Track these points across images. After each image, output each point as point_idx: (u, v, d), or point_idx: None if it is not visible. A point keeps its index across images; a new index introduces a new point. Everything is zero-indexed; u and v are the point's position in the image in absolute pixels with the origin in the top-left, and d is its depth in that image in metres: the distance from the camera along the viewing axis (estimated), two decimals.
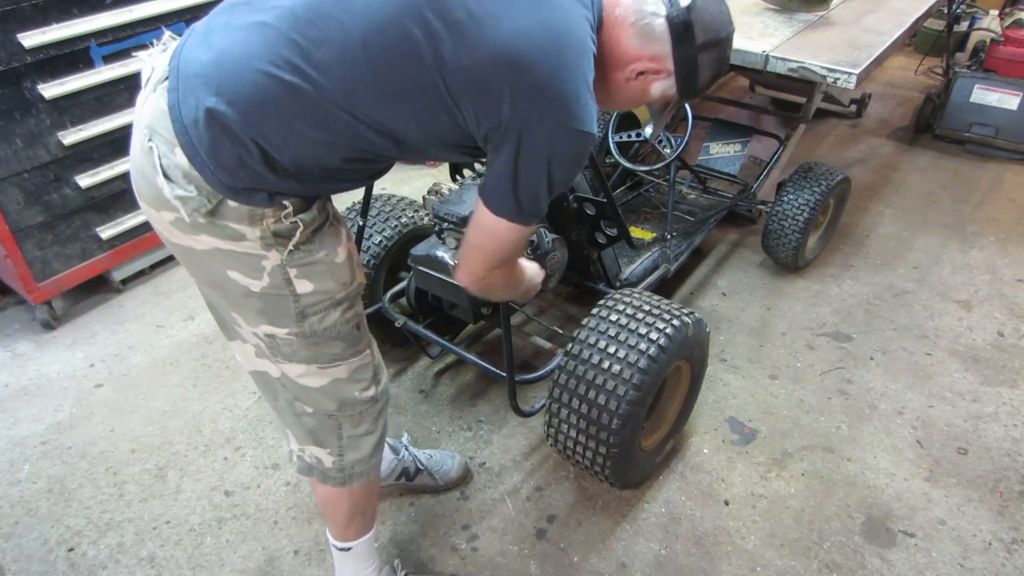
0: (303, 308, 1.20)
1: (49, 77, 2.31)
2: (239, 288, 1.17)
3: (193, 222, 1.09)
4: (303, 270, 1.18)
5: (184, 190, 1.07)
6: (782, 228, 2.67)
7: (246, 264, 1.14)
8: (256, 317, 1.21)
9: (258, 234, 1.12)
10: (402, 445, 1.93)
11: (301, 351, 1.25)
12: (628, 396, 1.66)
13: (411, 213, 2.31)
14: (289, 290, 1.18)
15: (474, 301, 1.94)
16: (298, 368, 1.27)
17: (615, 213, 2.01)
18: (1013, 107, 3.62)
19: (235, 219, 1.10)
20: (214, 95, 1.03)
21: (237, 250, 1.13)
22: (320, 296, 1.21)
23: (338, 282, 1.23)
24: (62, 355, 2.52)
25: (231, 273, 1.16)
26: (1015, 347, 2.51)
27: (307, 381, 1.29)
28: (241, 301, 1.20)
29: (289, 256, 1.15)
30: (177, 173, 1.07)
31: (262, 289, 1.17)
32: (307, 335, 1.23)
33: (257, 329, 1.23)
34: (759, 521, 1.92)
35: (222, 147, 1.05)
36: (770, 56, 2.28)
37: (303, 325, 1.22)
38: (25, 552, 1.86)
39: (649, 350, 1.68)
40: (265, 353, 1.28)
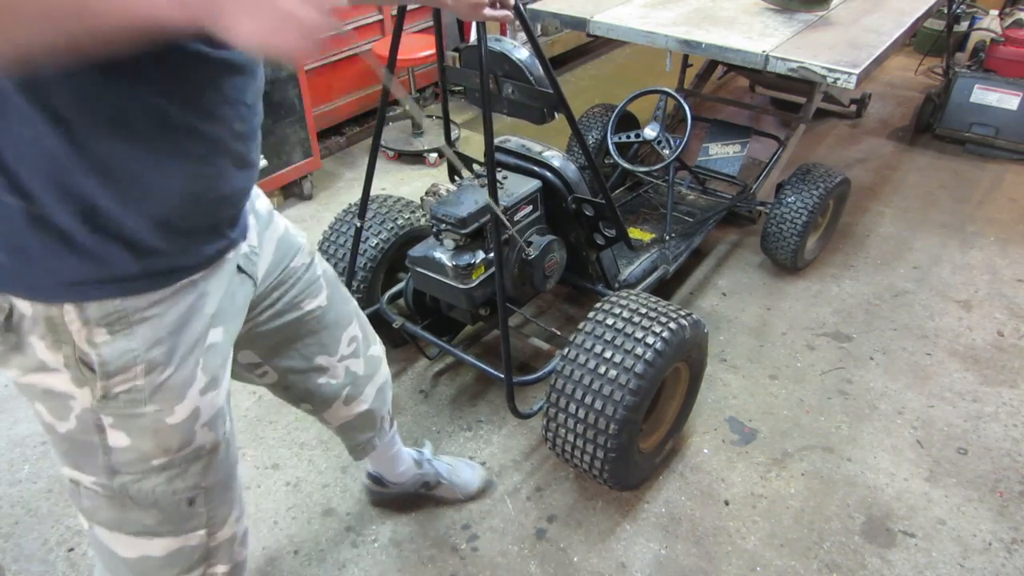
0: (116, 465, 0.94)
1: None
2: (44, 424, 0.93)
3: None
4: (120, 421, 0.91)
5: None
6: (780, 231, 2.67)
7: (49, 400, 0.90)
8: (61, 457, 0.97)
9: (61, 360, 0.85)
10: (425, 458, 1.89)
11: (103, 511, 0.98)
12: (625, 401, 1.66)
13: (408, 214, 2.31)
14: (99, 439, 0.92)
15: (472, 302, 1.94)
16: (100, 530, 1.02)
17: (614, 214, 2.01)
18: (1013, 107, 3.62)
19: (37, 335, 0.84)
20: None
21: (36, 384, 0.88)
22: (134, 456, 0.94)
23: (159, 446, 0.94)
24: None
25: (36, 405, 0.92)
26: (1015, 347, 2.51)
27: (112, 545, 1.03)
28: (48, 436, 0.96)
29: (102, 402, 0.88)
30: None
31: (67, 432, 0.92)
32: (116, 493, 0.96)
33: (63, 470, 0.98)
34: (759, 521, 1.92)
35: None
36: (770, 56, 2.28)
37: (113, 481, 0.95)
38: (25, 552, 1.86)
39: (645, 355, 1.67)
40: (74, 499, 1.02)
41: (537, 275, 2.01)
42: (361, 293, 2.21)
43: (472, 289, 1.90)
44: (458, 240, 1.87)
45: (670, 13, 2.68)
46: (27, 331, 0.84)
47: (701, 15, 2.66)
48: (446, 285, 1.92)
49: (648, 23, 2.57)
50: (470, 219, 1.84)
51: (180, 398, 0.94)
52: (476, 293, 1.92)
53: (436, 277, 1.94)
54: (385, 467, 1.82)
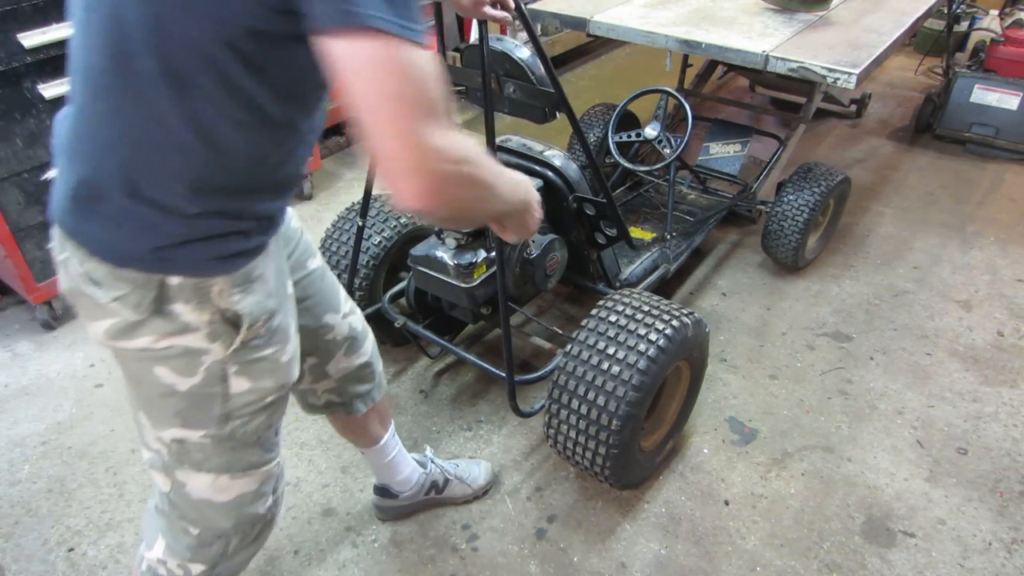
0: (230, 410, 1.07)
1: (49, 77, 2.31)
2: (161, 387, 1.03)
3: (135, 322, 0.96)
4: (245, 368, 1.04)
5: (116, 290, 0.94)
6: (782, 228, 2.68)
7: (180, 360, 1.00)
8: (169, 419, 1.06)
9: (206, 319, 0.97)
10: (428, 458, 1.90)
11: (215, 458, 1.10)
12: (627, 397, 1.66)
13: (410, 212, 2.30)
14: (221, 389, 1.04)
15: (474, 301, 1.94)
16: (204, 479, 1.12)
17: (615, 213, 2.01)
18: (1013, 107, 3.62)
19: (187, 300, 0.95)
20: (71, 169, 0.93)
21: (175, 345, 0.98)
22: (253, 397, 1.08)
23: (277, 383, 1.10)
24: (62, 355, 2.52)
25: (157, 369, 1.01)
26: (1015, 347, 2.51)
27: (210, 494, 1.14)
28: (157, 401, 1.06)
29: (234, 353, 1.01)
30: (101, 273, 0.94)
31: (190, 388, 1.02)
32: (225, 439, 1.09)
33: (164, 434, 1.08)
34: (759, 521, 1.92)
35: (110, 212, 0.91)
36: (770, 56, 2.28)
37: (224, 428, 1.08)
38: (25, 552, 1.86)
39: (648, 351, 1.68)
40: (162, 462, 1.12)
41: (538, 274, 2.01)
42: (363, 292, 2.21)
43: (474, 288, 1.90)
44: (460, 239, 1.87)
45: (670, 13, 2.68)
46: (173, 298, 0.95)
47: (701, 15, 2.65)
48: (448, 284, 1.92)
49: (648, 23, 2.57)
50: None
51: (287, 339, 1.10)
52: (477, 292, 1.92)
53: (438, 276, 1.94)
54: (388, 475, 1.81)
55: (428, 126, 0.77)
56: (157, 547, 1.23)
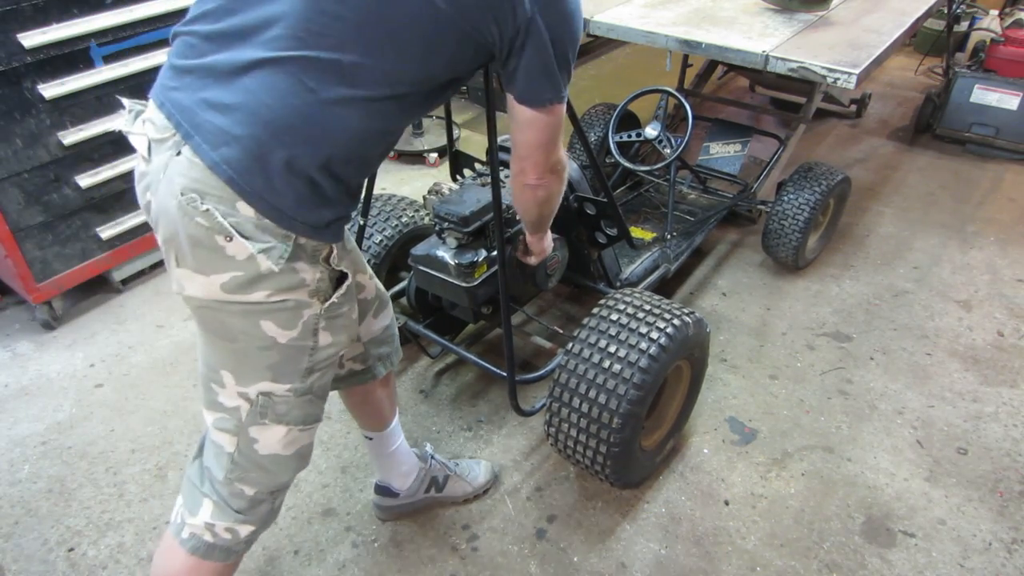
0: (314, 363, 1.20)
1: (49, 77, 2.31)
2: (263, 340, 1.13)
3: (259, 275, 1.07)
4: (330, 323, 1.18)
5: (263, 242, 1.05)
6: (782, 228, 2.68)
7: (286, 313, 1.12)
8: (260, 372, 1.17)
9: (317, 276, 1.13)
10: (427, 453, 1.91)
11: (295, 410, 1.22)
12: (629, 395, 1.66)
13: (411, 213, 2.31)
14: (311, 342, 1.17)
15: (475, 300, 1.94)
16: (279, 432, 1.22)
17: (615, 213, 2.01)
18: (1013, 107, 3.62)
19: (307, 259, 1.10)
20: (267, 140, 1.02)
21: (288, 299, 1.11)
22: (333, 351, 1.22)
23: (350, 337, 1.26)
24: (62, 355, 2.52)
25: (263, 323, 1.12)
26: (1015, 347, 2.51)
27: (279, 448, 1.24)
28: (252, 355, 1.15)
29: (328, 308, 1.16)
30: (249, 227, 1.04)
31: (288, 340, 1.14)
32: (304, 392, 1.21)
33: (251, 388, 1.18)
34: (759, 521, 1.92)
35: (291, 183, 1.04)
36: (770, 56, 2.28)
37: (307, 381, 1.20)
38: (25, 552, 1.86)
39: (650, 349, 1.68)
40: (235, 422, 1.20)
41: (539, 273, 2.01)
42: None
43: (474, 287, 1.90)
44: (461, 238, 1.87)
45: (670, 13, 2.68)
46: (299, 256, 1.09)
47: (701, 15, 2.65)
48: (448, 283, 1.92)
49: (648, 23, 2.57)
50: (472, 217, 1.84)
51: (355, 299, 1.27)
52: (478, 291, 1.92)
53: (438, 275, 1.94)
54: (390, 468, 1.81)
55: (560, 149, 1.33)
56: (203, 511, 1.26)
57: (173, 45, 1.13)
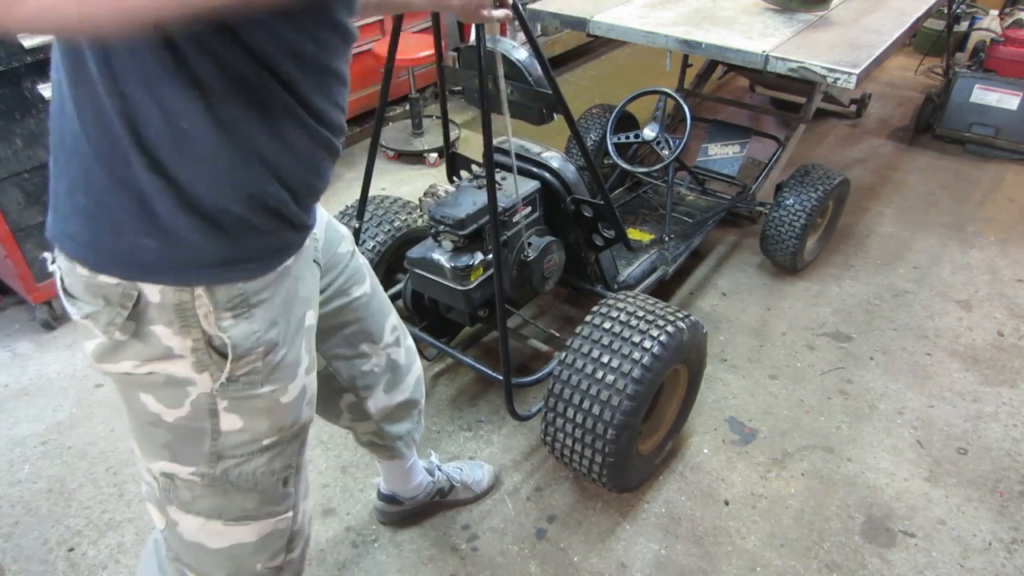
0: (221, 450, 0.98)
1: (49, 77, 2.31)
2: (148, 415, 0.96)
3: (113, 343, 0.89)
4: (236, 404, 0.96)
5: (90, 304, 0.88)
6: (779, 233, 2.67)
7: (164, 389, 0.93)
8: (157, 450, 0.99)
9: (189, 345, 0.89)
10: (435, 465, 1.90)
11: (204, 499, 1.02)
12: (623, 406, 1.65)
13: (406, 215, 2.31)
14: (210, 424, 0.96)
15: (471, 304, 1.94)
16: (194, 521, 1.04)
17: (612, 215, 2.01)
18: (1013, 107, 3.62)
19: (163, 323, 0.87)
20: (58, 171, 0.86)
21: (156, 372, 0.91)
22: (247, 437, 0.99)
23: (274, 425, 1.01)
24: (62, 355, 2.52)
25: (143, 396, 0.95)
26: (1015, 347, 2.51)
27: (202, 538, 1.06)
28: (146, 429, 0.98)
29: (222, 387, 0.93)
30: (79, 287, 0.88)
31: (176, 420, 0.95)
32: (216, 480, 1.00)
33: (153, 466, 1.01)
34: (759, 521, 1.92)
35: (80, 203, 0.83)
36: (770, 56, 2.28)
37: (215, 468, 0.99)
38: (25, 552, 1.86)
39: (643, 359, 1.66)
40: (155, 496, 1.05)
41: (536, 276, 2.01)
42: None
43: (471, 291, 1.90)
44: (457, 241, 1.87)
45: (670, 13, 2.68)
46: (152, 319, 0.87)
47: (701, 15, 2.65)
48: (444, 287, 1.92)
49: (648, 23, 2.57)
50: (469, 220, 1.84)
51: (292, 377, 1.00)
52: (475, 295, 1.92)
53: (434, 278, 1.93)
54: (401, 481, 1.81)
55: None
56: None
57: None
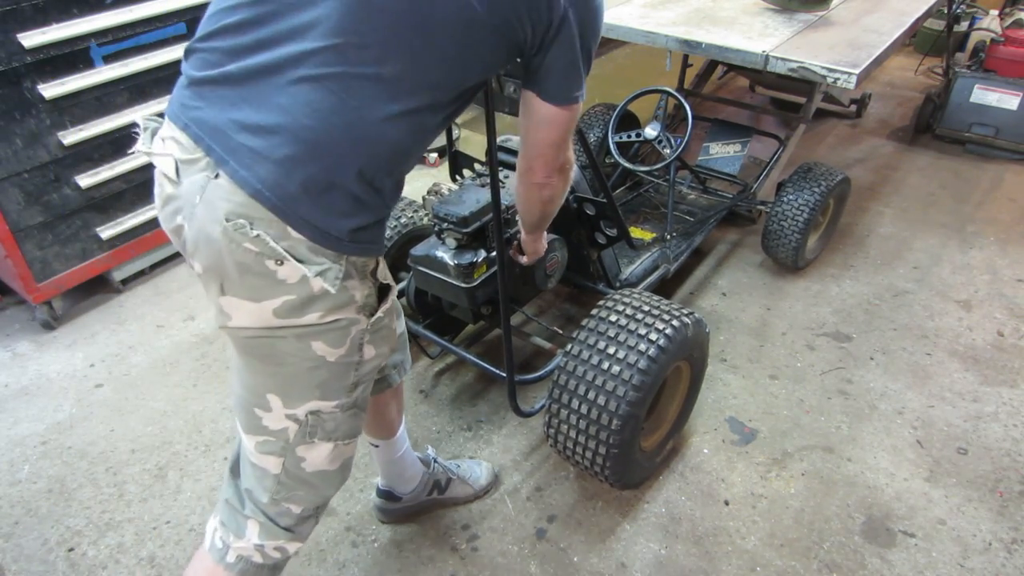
0: (359, 377, 1.19)
1: (49, 77, 2.31)
2: (313, 360, 1.11)
3: (319, 294, 1.05)
4: (374, 336, 1.18)
5: (317, 264, 1.03)
6: (782, 228, 2.67)
7: (337, 332, 1.10)
8: (309, 392, 1.15)
9: (365, 292, 1.12)
10: (431, 457, 1.91)
11: (342, 425, 1.21)
12: (628, 396, 1.66)
13: (410, 213, 2.31)
14: (357, 357, 1.16)
15: (474, 301, 1.94)
16: (326, 448, 1.21)
17: (615, 213, 2.01)
18: (1013, 107, 3.62)
19: (358, 276, 1.09)
20: (311, 163, 0.99)
21: (341, 318, 1.09)
22: (376, 363, 1.22)
23: (391, 347, 1.25)
24: (62, 355, 2.52)
25: (314, 344, 1.10)
26: (1015, 347, 2.51)
27: (327, 464, 1.24)
28: (302, 376, 1.13)
29: (374, 322, 1.15)
30: (302, 249, 1.02)
31: (337, 358, 1.13)
32: (350, 407, 1.20)
33: (299, 409, 1.16)
34: (759, 521, 1.92)
35: (336, 204, 1.02)
36: (770, 56, 2.28)
37: (352, 395, 1.20)
38: (25, 552, 1.86)
39: (648, 351, 1.68)
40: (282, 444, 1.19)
41: (539, 274, 2.01)
42: None
43: (474, 288, 1.90)
44: (460, 239, 1.87)
45: (670, 13, 2.68)
46: (350, 274, 1.08)
47: (701, 15, 2.65)
48: (448, 284, 1.92)
49: (648, 23, 2.57)
50: (472, 218, 1.84)
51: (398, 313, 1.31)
52: (478, 292, 1.92)
53: (438, 276, 1.93)
54: (395, 474, 1.81)
55: (571, 148, 1.35)
56: (251, 533, 1.24)
57: (189, 61, 1.08)
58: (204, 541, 1.29)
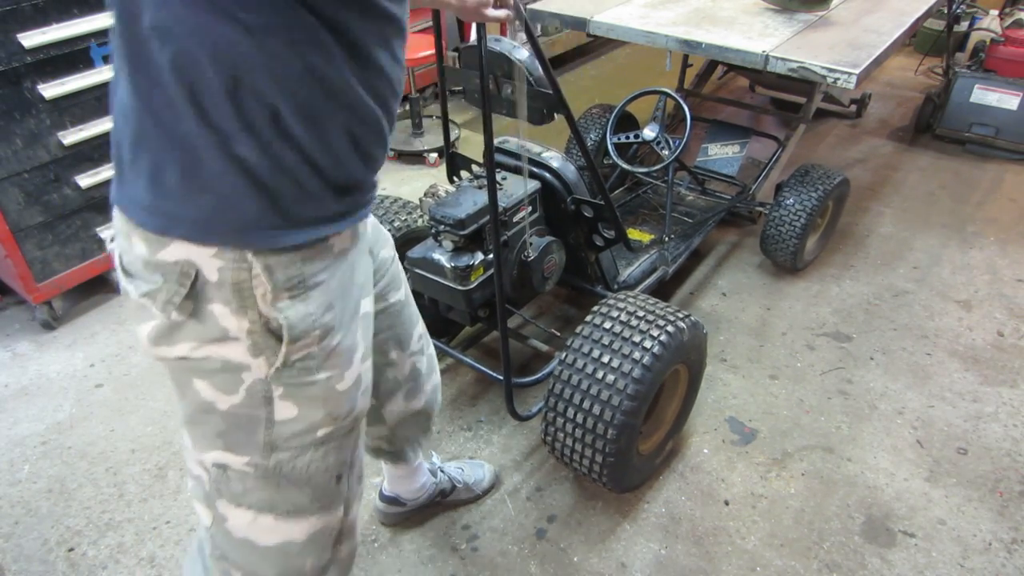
0: (275, 440, 0.96)
1: (49, 77, 2.31)
2: (200, 403, 0.94)
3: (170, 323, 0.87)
4: (291, 391, 0.93)
5: (148, 282, 0.86)
6: (780, 232, 2.67)
7: (219, 375, 0.91)
8: (211, 440, 0.97)
9: (246, 326, 0.87)
10: (436, 466, 1.90)
11: (256, 492, 0.99)
12: (623, 406, 1.65)
13: (406, 215, 2.30)
14: (265, 412, 0.93)
15: (471, 304, 1.94)
16: (245, 515, 1.01)
17: (613, 215, 2.01)
18: (1013, 107, 3.62)
19: (221, 302, 0.86)
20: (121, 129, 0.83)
21: (211, 356, 0.89)
22: (302, 427, 0.97)
23: (329, 415, 0.98)
24: (62, 355, 2.52)
25: (196, 383, 0.93)
26: (1015, 347, 2.51)
27: (252, 534, 1.03)
28: (199, 418, 0.96)
29: (278, 372, 0.91)
30: (138, 265, 0.87)
31: (230, 408, 0.93)
32: (269, 472, 0.97)
33: (206, 456, 0.98)
34: (759, 521, 1.92)
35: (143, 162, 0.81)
36: (770, 56, 2.28)
37: (270, 459, 0.97)
38: (25, 552, 1.86)
39: (643, 359, 1.66)
40: (203, 491, 1.02)
41: (536, 276, 2.01)
42: None
43: (471, 291, 1.90)
44: (457, 241, 1.87)
45: (670, 13, 2.68)
46: (210, 298, 0.85)
47: (701, 15, 2.65)
48: (445, 287, 1.92)
49: (648, 23, 2.57)
50: (469, 220, 1.84)
51: (348, 364, 0.97)
52: (475, 295, 1.92)
53: (434, 278, 1.93)
54: (406, 483, 1.81)
55: None
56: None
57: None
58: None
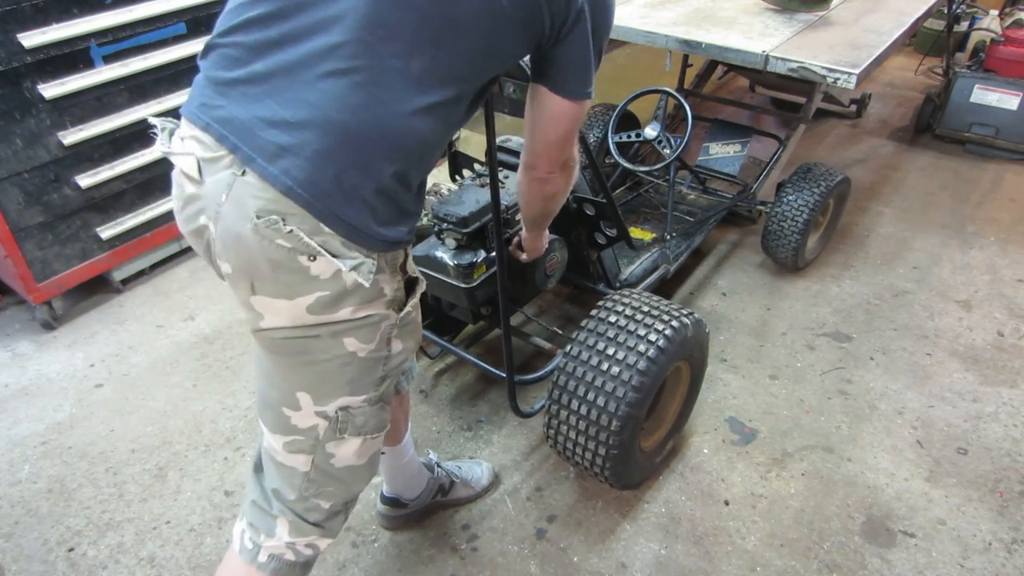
0: (386, 371, 1.19)
1: (49, 77, 2.31)
2: (342, 356, 1.11)
3: (352, 289, 1.04)
4: (402, 330, 1.18)
5: (352, 258, 1.02)
6: (781, 229, 2.67)
7: (367, 327, 1.10)
8: (339, 388, 1.15)
9: (395, 287, 1.12)
10: (433, 462, 1.90)
11: (372, 419, 1.22)
12: (627, 398, 1.66)
13: None
14: (386, 352, 1.17)
15: (474, 301, 1.94)
16: (354, 443, 1.22)
17: (614, 214, 2.01)
18: (1013, 107, 3.62)
19: (388, 270, 1.09)
20: (341, 158, 0.98)
21: (372, 313, 1.09)
22: (403, 357, 1.22)
23: (416, 341, 1.25)
24: (62, 355, 2.52)
25: (346, 340, 1.10)
26: (1015, 347, 2.51)
27: (355, 458, 1.24)
28: (332, 373, 1.13)
29: (402, 317, 1.15)
30: (336, 244, 1.01)
31: (367, 354, 1.13)
32: (376, 400, 1.21)
33: (330, 406, 1.16)
34: (759, 521, 1.92)
35: (368, 200, 1.01)
36: (770, 56, 2.28)
37: (380, 389, 1.20)
38: (25, 552, 1.86)
39: (648, 352, 1.68)
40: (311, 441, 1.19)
41: (538, 274, 2.01)
42: None
43: (474, 288, 1.90)
44: (460, 239, 1.87)
45: (670, 13, 2.68)
46: (382, 268, 1.08)
47: (701, 15, 2.65)
48: (447, 284, 1.92)
49: (648, 23, 2.57)
50: (471, 218, 1.84)
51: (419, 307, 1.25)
52: (477, 292, 1.92)
53: (437, 276, 1.93)
54: (401, 480, 1.81)
55: (575, 146, 1.35)
56: (281, 532, 1.25)
57: (208, 58, 1.06)
58: (232, 544, 1.28)
